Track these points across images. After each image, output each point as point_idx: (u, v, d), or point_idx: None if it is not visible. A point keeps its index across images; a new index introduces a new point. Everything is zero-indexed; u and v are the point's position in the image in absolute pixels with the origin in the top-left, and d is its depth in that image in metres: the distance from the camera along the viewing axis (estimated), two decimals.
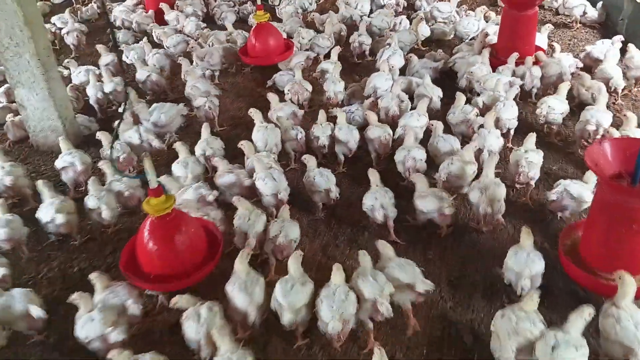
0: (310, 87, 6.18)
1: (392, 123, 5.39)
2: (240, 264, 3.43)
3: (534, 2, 6.18)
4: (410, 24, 7.75)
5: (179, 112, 5.77)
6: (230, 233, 4.05)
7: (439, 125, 5.00)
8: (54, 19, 9.02)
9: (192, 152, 5.06)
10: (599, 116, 5.05)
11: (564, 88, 5.52)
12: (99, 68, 6.94)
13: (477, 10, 7.71)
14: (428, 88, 5.82)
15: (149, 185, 3.41)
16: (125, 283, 3.51)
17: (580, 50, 7.07)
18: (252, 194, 4.53)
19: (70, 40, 8.17)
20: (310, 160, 4.63)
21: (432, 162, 4.90)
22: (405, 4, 8.94)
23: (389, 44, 6.79)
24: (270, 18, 7.08)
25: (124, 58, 7.62)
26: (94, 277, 3.46)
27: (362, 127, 5.33)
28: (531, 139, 4.73)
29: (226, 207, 4.36)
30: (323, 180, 4.49)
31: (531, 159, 4.52)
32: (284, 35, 7.33)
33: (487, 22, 7.64)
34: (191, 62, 6.94)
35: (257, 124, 5.21)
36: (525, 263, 3.53)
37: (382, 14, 8.04)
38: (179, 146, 4.92)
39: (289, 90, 6.09)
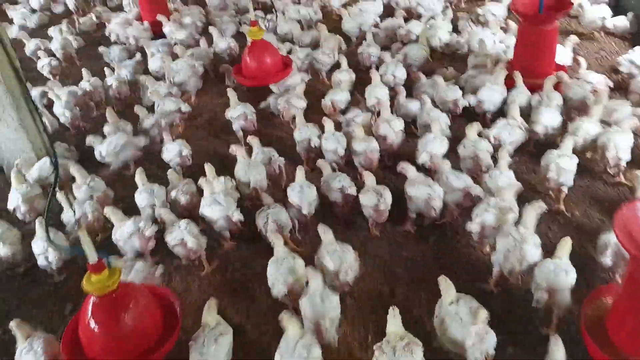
0: (303, 104, 5.79)
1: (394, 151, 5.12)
2: (209, 315, 3.26)
3: (554, 17, 5.51)
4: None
5: (131, 145, 5.33)
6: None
7: (445, 166, 4.41)
8: (50, 30, 8.66)
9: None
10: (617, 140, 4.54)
11: (598, 110, 4.90)
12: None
13: (491, 23, 7.02)
14: (432, 114, 5.22)
15: (88, 260, 2.92)
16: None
17: (610, 66, 6.41)
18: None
19: (46, 69, 7.65)
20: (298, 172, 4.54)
21: None
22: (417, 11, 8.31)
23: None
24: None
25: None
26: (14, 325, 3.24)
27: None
28: (569, 142, 4.42)
29: None
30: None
31: (563, 164, 4.27)
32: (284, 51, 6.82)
33: (506, 33, 6.98)
34: None
35: (240, 160, 4.79)
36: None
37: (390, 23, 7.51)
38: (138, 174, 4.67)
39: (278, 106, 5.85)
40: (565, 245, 3.44)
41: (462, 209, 4.35)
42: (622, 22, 7.03)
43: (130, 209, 4.56)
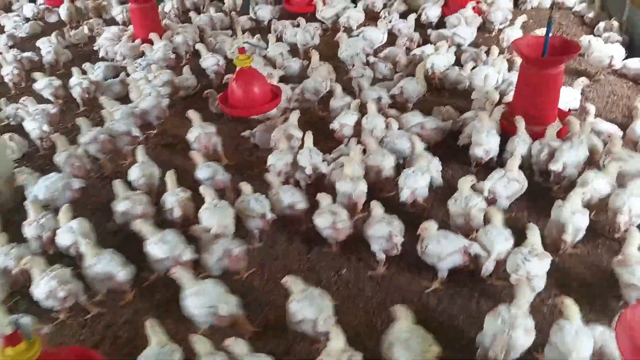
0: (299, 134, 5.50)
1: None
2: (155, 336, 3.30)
3: (560, 61, 5.12)
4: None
5: (66, 186, 4.93)
6: None
7: (431, 226, 4.00)
8: (39, 42, 8.38)
9: None
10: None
11: (613, 167, 4.49)
12: None
13: (495, 60, 6.62)
14: (421, 159, 4.84)
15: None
16: None
17: (622, 113, 6.01)
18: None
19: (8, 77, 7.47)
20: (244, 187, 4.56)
21: None
22: (421, 41, 7.95)
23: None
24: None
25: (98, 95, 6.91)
26: None
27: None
28: (578, 196, 4.14)
29: None
30: (258, 205, 4.44)
31: (579, 223, 4.05)
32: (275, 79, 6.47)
33: (510, 70, 6.59)
34: None
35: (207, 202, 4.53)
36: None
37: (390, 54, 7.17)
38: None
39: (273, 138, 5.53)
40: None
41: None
42: (636, 64, 6.61)
43: None
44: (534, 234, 3.83)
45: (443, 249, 3.90)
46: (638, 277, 3.58)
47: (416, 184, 4.61)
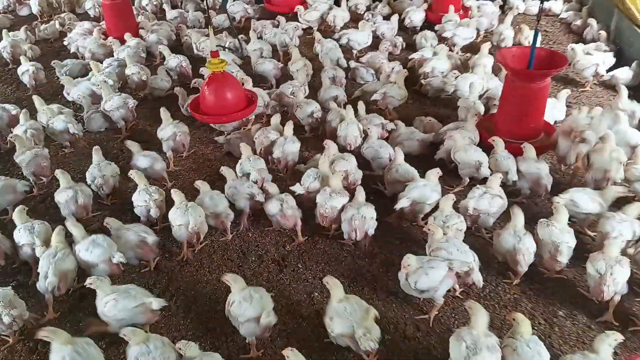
0: (274, 136, 5.40)
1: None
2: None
3: (548, 73, 4.91)
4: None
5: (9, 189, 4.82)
6: None
7: (412, 261, 3.68)
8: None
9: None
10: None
11: (612, 192, 4.31)
12: None
13: (479, 68, 6.38)
14: (401, 170, 4.67)
15: None
16: None
17: None
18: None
19: None
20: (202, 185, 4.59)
21: None
22: (404, 45, 7.72)
23: None
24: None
25: (64, 94, 6.58)
26: None
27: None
28: (564, 213, 3.97)
29: None
30: (212, 203, 4.46)
31: (568, 243, 3.86)
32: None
33: (499, 77, 6.36)
34: None
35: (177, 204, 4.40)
36: None
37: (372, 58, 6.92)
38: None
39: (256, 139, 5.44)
40: None
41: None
42: (624, 73, 6.43)
43: None
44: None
45: (434, 280, 3.64)
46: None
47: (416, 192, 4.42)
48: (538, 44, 4.90)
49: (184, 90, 6.27)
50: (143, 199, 4.55)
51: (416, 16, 8.19)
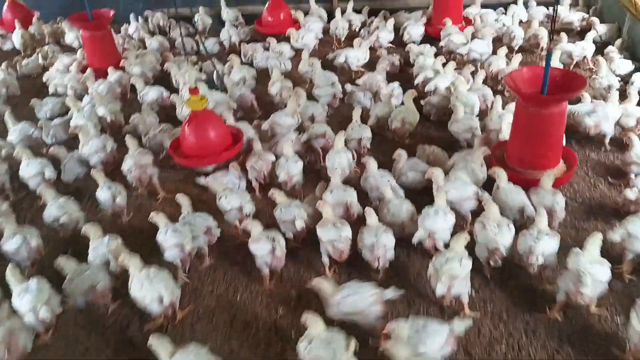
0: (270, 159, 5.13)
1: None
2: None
3: (563, 98, 4.38)
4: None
5: None
6: None
7: (402, 330, 3.19)
8: None
9: None
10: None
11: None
12: None
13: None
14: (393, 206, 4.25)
15: None
16: None
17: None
18: None
19: None
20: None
21: None
22: (402, 61, 7.21)
23: None
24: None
25: (44, 137, 6.15)
26: None
27: None
28: (543, 218, 3.81)
29: None
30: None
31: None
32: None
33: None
34: None
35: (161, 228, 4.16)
36: None
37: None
38: None
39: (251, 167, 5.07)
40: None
41: None
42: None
43: None
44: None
45: (431, 343, 3.14)
46: None
47: (435, 224, 4.04)
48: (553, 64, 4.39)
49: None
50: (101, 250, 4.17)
51: (415, 31, 7.70)
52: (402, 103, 5.84)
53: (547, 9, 8.23)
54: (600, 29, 7.26)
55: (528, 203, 4.18)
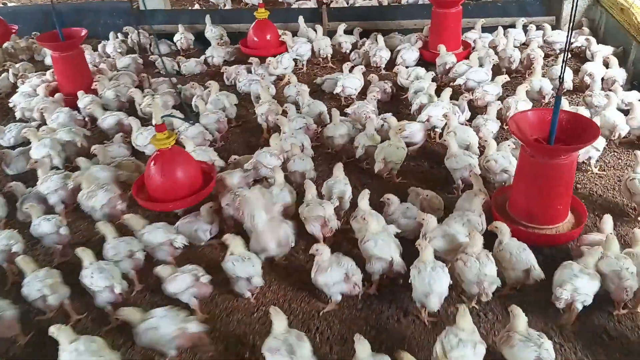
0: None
1: None
2: None
3: (574, 149, 3.87)
4: None
5: None
6: None
7: None
8: None
9: None
10: None
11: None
12: None
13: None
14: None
15: None
16: None
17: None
18: None
19: None
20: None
21: None
22: (394, 89, 6.71)
23: None
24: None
25: (3, 168, 5.66)
26: None
27: None
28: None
29: None
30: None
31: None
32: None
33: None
34: None
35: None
36: None
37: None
38: None
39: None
40: None
41: None
42: None
43: None
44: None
45: None
46: None
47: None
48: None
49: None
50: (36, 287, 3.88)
51: (409, 55, 7.21)
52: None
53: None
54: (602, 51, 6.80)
55: (535, 263, 3.68)
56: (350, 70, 6.68)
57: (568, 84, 6.27)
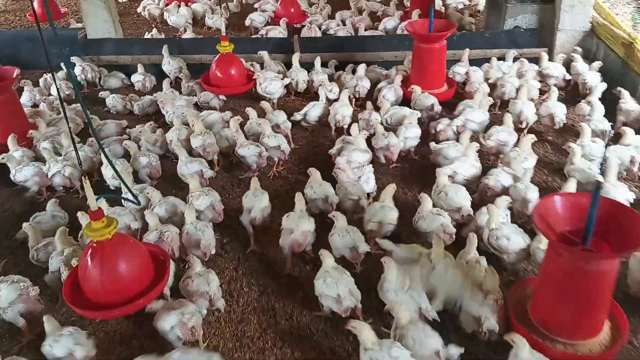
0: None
1: None
2: None
3: (619, 253, 3.08)
4: None
5: None
6: None
7: None
8: None
9: None
10: None
11: None
12: None
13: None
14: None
15: None
16: None
17: None
18: None
19: None
20: None
21: None
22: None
23: None
24: None
25: None
26: None
27: None
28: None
29: None
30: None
31: None
32: None
33: None
34: None
35: None
36: None
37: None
38: None
39: None
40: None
41: None
42: None
43: None
44: None
45: None
46: None
47: None
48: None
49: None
50: None
51: (391, 95, 6.45)
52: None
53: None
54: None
55: None
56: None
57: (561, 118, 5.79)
